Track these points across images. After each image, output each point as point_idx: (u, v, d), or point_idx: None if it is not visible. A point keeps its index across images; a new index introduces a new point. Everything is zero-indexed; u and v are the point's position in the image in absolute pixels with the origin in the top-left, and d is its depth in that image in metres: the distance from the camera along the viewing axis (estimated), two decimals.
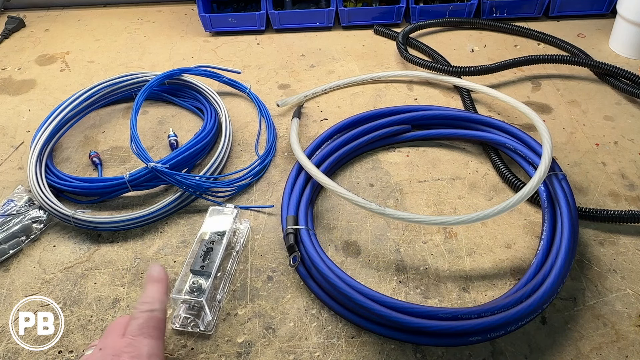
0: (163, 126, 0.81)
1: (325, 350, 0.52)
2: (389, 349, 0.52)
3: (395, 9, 1.04)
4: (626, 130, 0.77)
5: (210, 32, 1.06)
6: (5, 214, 0.64)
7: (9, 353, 0.52)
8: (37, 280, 0.59)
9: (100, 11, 1.19)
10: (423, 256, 0.60)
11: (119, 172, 0.74)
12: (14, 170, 0.75)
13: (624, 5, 0.90)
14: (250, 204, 0.68)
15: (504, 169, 0.69)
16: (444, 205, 0.66)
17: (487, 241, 0.62)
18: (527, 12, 1.05)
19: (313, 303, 0.56)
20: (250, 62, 0.96)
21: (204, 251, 0.55)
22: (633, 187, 0.68)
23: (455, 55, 0.95)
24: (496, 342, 0.52)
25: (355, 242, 0.62)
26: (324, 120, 0.81)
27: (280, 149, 0.76)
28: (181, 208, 0.67)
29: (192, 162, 0.72)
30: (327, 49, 1.00)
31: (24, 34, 1.10)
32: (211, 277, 0.53)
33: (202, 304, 0.52)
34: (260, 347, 0.52)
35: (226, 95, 0.87)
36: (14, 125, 0.83)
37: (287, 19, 1.05)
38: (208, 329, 0.53)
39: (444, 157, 0.74)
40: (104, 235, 0.64)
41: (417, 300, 0.56)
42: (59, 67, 0.98)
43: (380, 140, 0.74)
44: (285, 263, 0.60)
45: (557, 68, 0.91)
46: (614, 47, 0.96)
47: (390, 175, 0.71)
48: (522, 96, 0.85)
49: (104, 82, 0.80)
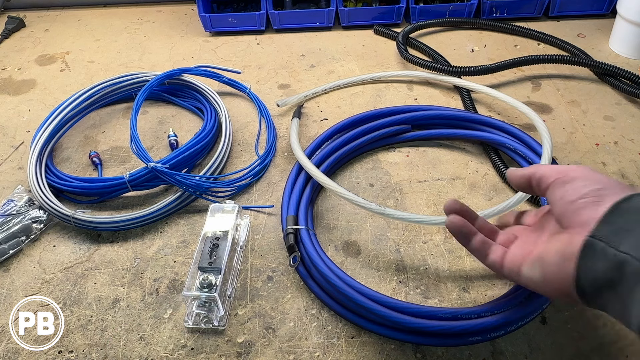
0: (163, 126, 0.81)
1: (325, 350, 0.52)
2: (389, 349, 0.52)
3: (395, 9, 1.04)
4: (626, 130, 0.77)
5: (210, 32, 1.06)
6: (5, 214, 0.64)
7: (9, 353, 0.52)
8: (37, 280, 0.59)
9: (100, 11, 1.19)
10: (423, 256, 0.60)
11: (119, 172, 0.74)
12: (14, 170, 0.75)
13: (624, 5, 0.90)
14: (250, 204, 0.68)
15: (504, 169, 0.69)
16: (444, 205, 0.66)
17: None
18: (527, 12, 1.05)
19: (313, 303, 0.56)
20: (250, 62, 0.96)
21: (210, 248, 0.56)
22: None
23: (455, 55, 0.95)
24: (496, 342, 0.52)
25: (355, 242, 0.62)
26: (324, 120, 0.81)
27: (280, 149, 0.76)
28: (181, 208, 0.67)
29: (192, 162, 0.72)
30: (327, 49, 1.00)
31: (24, 34, 1.10)
32: (221, 272, 0.53)
33: (215, 299, 0.52)
34: (260, 347, 0.52)
35: (226, 95, 0.87)
36: (14, 125, 0.83)
37: (287, 19, 1.05)
38: (221, 324, 0.54)
39: (444, 157, 0.74)
40: (104, 235, 0.64)
41: (417, 300, 0.56)
42: (59, 67, 0.98)
43: (380, 140, 0.74)
44: (285, 263, 0.60)
45: (557, 68, 0.91)
46: (614, 47, 0.96)
47: (390, 175, 0.71)
48: (522, 96, 0.85)
49: (104, 82, 0.80)
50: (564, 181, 0.40)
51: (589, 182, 0.39)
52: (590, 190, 0.38)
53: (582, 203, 0.38)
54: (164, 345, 0.53)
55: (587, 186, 0.39)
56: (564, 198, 0.40)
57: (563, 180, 0.40)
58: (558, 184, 0.41)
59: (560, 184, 0.40)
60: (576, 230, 0.37)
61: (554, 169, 0.42)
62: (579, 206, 0.38)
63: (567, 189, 0.40)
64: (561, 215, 0.40)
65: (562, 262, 0.37)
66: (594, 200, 0.37)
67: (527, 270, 0.41)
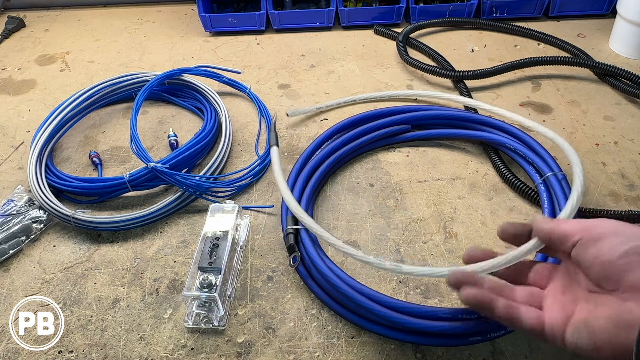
0: (163, 126, 0.81)
1: (325, 350, 0.52)
2: (389, 349, 0.52)
3: (395, 9, 1.04)
4: (626, 130, 0.77)
5: (210, 32, 1.06)
6: (5, 214, 0.64)
7: (9, 353, 0.52)
8: (37, 280, 0.59)
9: (100, 11, 1.19)
10: (423, 256, 0.60)
11: (119, 172, 0.74)
12: (14, 170, 0.75)
13: (624, 5, 0.90)
14: (250, 204, 0.68)
15: (504, 169, 0.69)
16: (443, 205, 0.66)
17: (487, 241, 0.62)
18: (527, 12, 1.05)
19: (313, 303, 0.56)
20: (250, 62, 0.96)
21: (210, 248, 0.56)
22: (633, 187, 0.68)
23: (455, 56, 0.95)
24: (496, 342, 0.52)
25: (355, 242, 0.62)
26: (324, 120, 0.81)
27: (281, 149, 0.76)
28: (181, 208, 0.67)
29: (192, 162, 0.72)
30: (327, 49, 1.00)
31: (24, 34, 1.10)
32: (221, 272, 0.54)
33: (215, 299, 0.52)
34: (260, 347, 0.52)
35: (226, 95, 0.87)
36: (14, 125, 0.83)
37: (287, 19, 1.05)
38: (221, 324, 0.54)
39: (444, 157, 0.74)
40: (104, 235, 0.64)
41: (417, 300, 0.56)
42: (59, 67, 0.98)
43: (380, 140, 0.74)
44: (285, 263, 0.60)
45: (557, 68, 0.91)
46: (614, 47, 0.96)
47: (390, 175, 0.71)
48: (522, 96, 0.85)
49: (104, 82, 0.80)
50: (593, 239, 0.37)
51: (623, 237, 0.36)
52: (630, 248, 0.35)
53: (626, 264, 0.35)
54: (164, 345, 0.53)
55: (624, 243, 0.36)
56: (599, 258, 0.36)
57: (592, 237, 0.37)
58: (587, 242, 0.37)
59: (591, 243, 0.37)
60: (627, 296, 0.34)
61: (576, 226, 0.39)
62: (623, 268, 0.35)
63: (601, 248, 0.36)
64: (601, 277, 0.37)
65: (616, 330, 0.34)
66: (634, 261, 0.35)
67: (572, 336, 0.37)
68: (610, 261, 0.36)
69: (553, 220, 0.42)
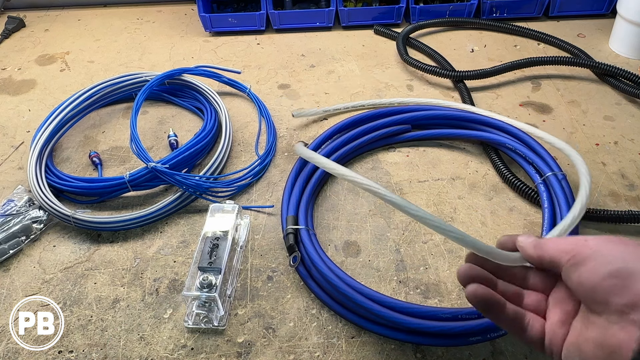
0: (163, 126, 0.81)
1: (325, 350, 0.52)
2: (389, 349, 0.52)
3: (395, 9, 1.04)
4: (626, 130, 0.77)
5: (210, 32, 1.06)
6: (5, 214, 0.64)
7: (9, 353, 0.52)
8: (37, 280, 0.59)
9: (100, 11, 1.19)
10: (423, 256, 0.60)
11: (119, 172, 0.74)
12: (14, 170, 0.75)
13: (624, 5, 0.90)
14: (250, 204, 0.68)
15: (504, 169, 0.69)
16: (444, 205, 0.66)
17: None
18: (527, 12, 1.05)
19: (313, 303, 0.56)
20: (250, 62, 0.96)
21: (210, 248, 0.56)
22: (633, 187, 0.68)
23: (455, 55, 0.95)
24: (496, 342, 0.52)
25: (355, 242, 0.62)
26: (324, 121, 0.81)
27: (280, 149, 0.76)
28: (181, 208, 0.67)
29: (192, 162, 0.72)
30: (327, 49, 1.00)
31: (24, 34, 1.10)
32: (221, 272, 0.54)
33: (215, 299, 0.52)
34: (260, 347, 0.52)
35: (226, 95, 0.87)
36: (14, 125, 0.83)
37: (287, 19, 1.05)
38: (221, 324, 0.54)
39: (444, 157, 0.74)
40: (104, 235, 0.64)
41: (417, 300, 0.56)
42: (59, 67, 0.98)
43: (380, 140, 0.74)
44: (285, 263, 0.60)
45: (557, 68, 0.91)
46: (614, 47, 0.96)
47: (390, 175, 0.71)
48: (522, 96, 0.85)
49: (104, 82, 0.80)
50: (576, 263, 0.36)
51: (607, 258, 0.35)
52: (613, 270, 0.34)
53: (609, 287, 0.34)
54: (164, 345, 0.53)
55: (606, 264, 0.35)
56: (582, 284, 0.35)
57: (576, 261, 0.36)
58: (571, 267, 0.37)
59: (573, 268, 0.36)
60: (614, 319, 0.34)
61: (562, 248, 0.38)
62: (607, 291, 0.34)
63: (582, 273, 0.36)
64: (588, 301, 0.36)
65: (603, 355, 0.34)
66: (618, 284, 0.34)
67: (566, 358, 0.37)
68: (593, 287, 0.35)
69: (539, 243, 0.40)
